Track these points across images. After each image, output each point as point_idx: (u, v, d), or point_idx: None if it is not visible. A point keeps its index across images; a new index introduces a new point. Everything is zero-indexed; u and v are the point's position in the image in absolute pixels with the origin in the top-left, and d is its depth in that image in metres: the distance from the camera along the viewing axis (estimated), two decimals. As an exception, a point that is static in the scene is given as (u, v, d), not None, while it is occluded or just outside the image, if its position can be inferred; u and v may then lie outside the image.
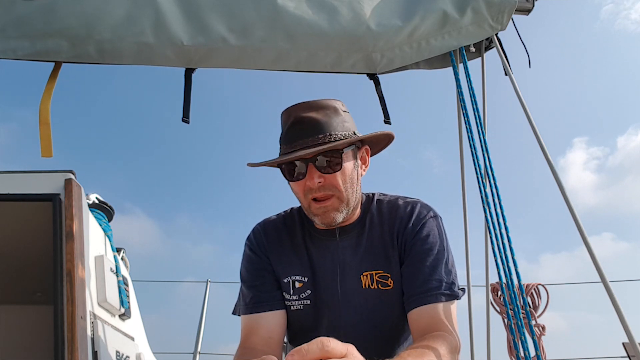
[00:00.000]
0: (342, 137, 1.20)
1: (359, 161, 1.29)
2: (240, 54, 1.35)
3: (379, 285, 1.27)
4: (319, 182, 1.18)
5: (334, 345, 0.66)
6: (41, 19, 1.20)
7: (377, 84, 1.52)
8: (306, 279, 1.31)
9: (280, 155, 1.24)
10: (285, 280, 1.32)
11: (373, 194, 1.39)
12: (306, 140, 1.18)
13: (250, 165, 1.28)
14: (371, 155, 1.37)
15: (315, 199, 1.21)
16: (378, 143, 1.34)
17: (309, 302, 1.30)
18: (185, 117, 1.34)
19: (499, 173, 1.29)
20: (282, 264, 1.33)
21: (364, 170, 1.32)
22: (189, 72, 1.37)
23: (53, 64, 1.27)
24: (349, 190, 1.22)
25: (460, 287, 1.24)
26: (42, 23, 1.20)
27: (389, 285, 1.26)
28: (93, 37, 1.23)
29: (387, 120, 1.51)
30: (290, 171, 1.21)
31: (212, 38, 1.30)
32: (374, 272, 1.27)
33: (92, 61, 1.27)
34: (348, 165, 1.22)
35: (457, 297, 1.21)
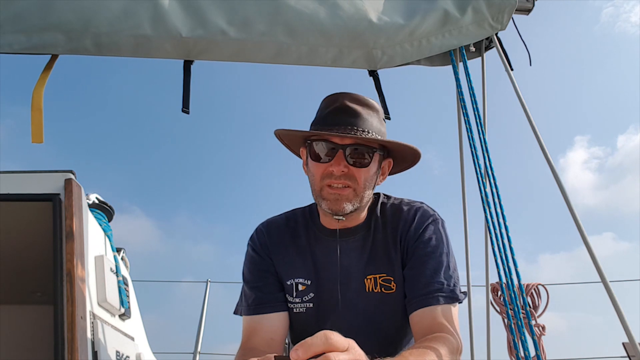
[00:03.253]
0: (385, 144, 1.22)
1: (380, 170, 1.27)
2: (239, 47, 1.34)
3: (382, 289, 1.26)
4: (343, 171, 1.17)
5: (336, 338, 0.67)
6: (38, 14, 1.20)
7: (377, 80, 1.52)
8: (309, 282, 1.30)
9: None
10: (289, 283, 1.32)
11: (378, 195, 1.38)
12: (346, 127, 1.18)
13: (279, 131, 1.27)
14: (390, 173, 1.37)
15: (330, 186, 1.19)
16: (402, 160, 1.32)
17: (311, 305, 1.30)
18: (185, 108, 1.33)
19: (498, 173, 1.30)
20: (285, 266, 1.33)
21: (381, 181, 1.30)
22: (187, 64, 1.36)
23: (49, 56, 1.26)
24: (366, 190, 1.22)
25: (462, 291, 1.24)
26: (38, 17, 1.20)
27: (392, 289, 1.26)
28: (90, 31, 1.23)
29: (386, 116, 1.51)
30: (317, 151, 1.21)
31: (211, 31, 1.30)
32: (377, 276, 1.27)
33: (89, 54, 1.26)
34: (373, 166, 1.22)
35: (458, 300, 1.21)
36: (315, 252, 1.32)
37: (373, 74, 1.52)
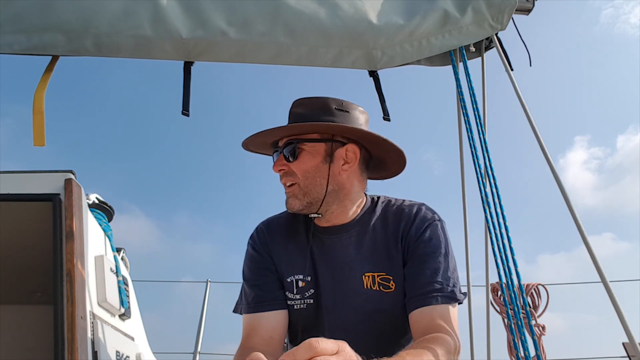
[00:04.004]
0: (314, 131, 1.25)
1: (336, 158, 1.25)
2: (240, 48, 1.35)
3: (381, 287, 1.27)
4: (281, 170, 1.26)
5: (323, 345, 0.66)
6: (38, 14, 1.20)
7: (377, 80, 1.52)
8: (309, 278, 1.31)
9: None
10: (289, 280, 1.32)
11: (378, 197, 1.39)
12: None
13: (245, 144, 1.34)
14: (382, 177, 1.40)
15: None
16: (382, 151, 1.32)
17: (312, 301, 1.30)
18: (185, 110, 1.33)
19: (498, 173, 1.30)
20: (285, 263, 1.34)
21: (346, 169, 1.27)
22: (187, 65, 1.36)
23: (50, 57, 1.26)
24: (308, 182, 1.24)
25: (462, 292, 1.24)
26: (38, 17, 1.20)
27: (391, 288, 1.26)
28: (90, 31, 1.23)
29: (386, 117, 1.50)
30: (273, 157, 1.32)
31: (211, 31, 1.30)
32: (375, 274, 1.28)
33: (89, 55, 1.26)
34: (311, 156, 1.25)
35: (458, 301, 1.21)
36: (313, 249, 1.33)
37: (373, 74, 1.51)
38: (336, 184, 1.26)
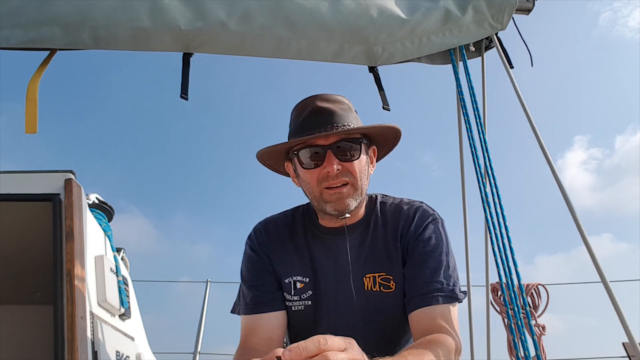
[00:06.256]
0: (367, 132, 1.24)
1: (370, 158, 1.30)
2: (239, 40, 1.33)
3: (381, 288, 1.26)
4: (338, 169, 1.18)
5: (331, 342, 0.65)
6: (34, 8, 1.19)
7: (376, 76, 1.52)
8: (307, 280, 1.30)
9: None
10: (287, 281, 1.32)
11: (376, 195, 1.39)
12: (326, 128, 1.19)
13: (261, 152, 1.28)
14: (377, 159, 1.38)
15: (327, 187, 1.20)
16: (385, 143, 1.34)
17: (310, 302, 1.30)
18: (184, 94, 1.31)
19: (498, 173, 1.30)
20: (283, 264, 1.33)
21: (372, 169, 1.32)
22: (186, 56, 1.35)
23: (47, 51, 1.25)
24: (363, 181, 1.23)
25: (462, 291, 1.24)
26: (35, 11, 1.19)
27: (391, 288, 1.26)
28: (87, 24, 1.22)
29: (385, 107, 1.50)
30: (305, 158, 1.21)
31: (211, 23, 1.28)
32: (376, 275, 1.27)
33: (86, 48, 1.25)
34: (363, 156, 1.23)
35: (458, 300, 1.21)
36: (313, 250, 1.32)
37: (373, 70, 1.51)
38: (368, 183, 1.29)
